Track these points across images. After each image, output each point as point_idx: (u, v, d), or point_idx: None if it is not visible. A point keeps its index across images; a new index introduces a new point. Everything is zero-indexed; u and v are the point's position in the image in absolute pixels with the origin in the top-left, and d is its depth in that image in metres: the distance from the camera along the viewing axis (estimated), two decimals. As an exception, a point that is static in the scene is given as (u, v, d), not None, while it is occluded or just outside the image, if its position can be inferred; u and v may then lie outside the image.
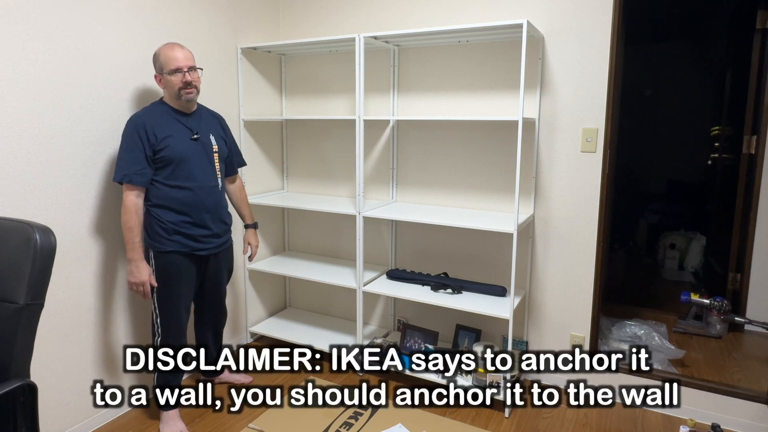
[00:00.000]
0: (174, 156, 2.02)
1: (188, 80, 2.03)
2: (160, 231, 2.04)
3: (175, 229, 2.06)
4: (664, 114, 5.14)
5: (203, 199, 2.11)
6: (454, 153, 2.67)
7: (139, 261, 2.00)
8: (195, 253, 2.12)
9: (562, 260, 2.47)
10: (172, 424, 2.17)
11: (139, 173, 1.96)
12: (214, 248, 2.20)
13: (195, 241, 2.11)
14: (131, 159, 1.96)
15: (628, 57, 5.10)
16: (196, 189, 2.08)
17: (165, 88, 2.06)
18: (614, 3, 2.21)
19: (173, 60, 2.01)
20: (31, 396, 1.15)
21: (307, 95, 3.07)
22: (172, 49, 2.02)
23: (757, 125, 2.90)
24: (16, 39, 1.81)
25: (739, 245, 3.12)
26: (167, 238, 2.04)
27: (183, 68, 2.02)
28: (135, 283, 2.01)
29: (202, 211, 2.11)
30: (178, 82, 2.02)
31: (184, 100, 2.06)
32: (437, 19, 2.61)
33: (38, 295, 1.19)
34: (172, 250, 2.06)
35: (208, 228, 2.15)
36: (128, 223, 1.96)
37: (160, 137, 1.99)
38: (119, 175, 1.95)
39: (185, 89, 2.04)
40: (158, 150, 1.99)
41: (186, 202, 2.06)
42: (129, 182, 1.95)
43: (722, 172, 3.54)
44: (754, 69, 2.99)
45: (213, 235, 2.18)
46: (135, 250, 1.98)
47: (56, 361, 2.03)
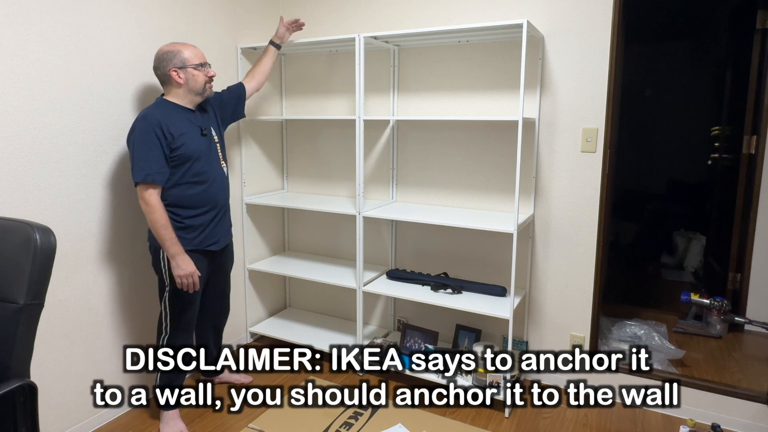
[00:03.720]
0: (190, 154, 2.02)
1: (212, 74, 2.09)
2: (178, 231, 2.03)
3: (192, 227, 2.06)
4: (664, 114, 5.14)
5: (217, 194, 2.14)
6: (454, 153, 2.67)
7: (182, 254, 1.99)
8: (209, 249, 2.14)
9: (562, 260, 2.47)
10: (172, 424, 2.17)
11: (160, 172, 1.94)
12: (224, 243, 2.23)
13: (210, 238, 2.13)
14: (151, 158, 1.92)
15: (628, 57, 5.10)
16: (210, 185, 2.10)
17: (184, 83, 2.04)
18: (614, 3, 2.21)
19: (196, 55, 2.05)
20: (31, 396, 1.15)
21: (307, 95, 3.07)
22: (186, 46, 2.05)
23: (757, 125, 2.90)
24: (16, 39, 1.81)
25: (739, 245, 3.12)
26: (184, 237, 2.04)
27: (206, 63, 2.08)
28: (184, 275, 1.99)
29: (216, 207, 2.14)
30: (204, 76, 2.06)
31: (207, 94, 2.11)
32: (437, 19, 2.61)
33: (38, 295, 1.19)
34: (189, 249, 2.05)
35: (221, 223, 2.19)
36: (161, 221, 1.94)
37: (176, 135, 1.98)
38: (141, 175, 1.90)
39: (210, 83, 2.10)
40: (175, 148, 1.98)
41: (201, 199, 2.07)
42: (152, 181, 1.92)
43: (722, 172, 3.54)
44: (754, 69, 2.99)
45: (223, 230, 2.22)
46: (176, 245, 1.98)
47: (56, 361, 2.03)
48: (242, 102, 2.43)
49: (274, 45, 2.52)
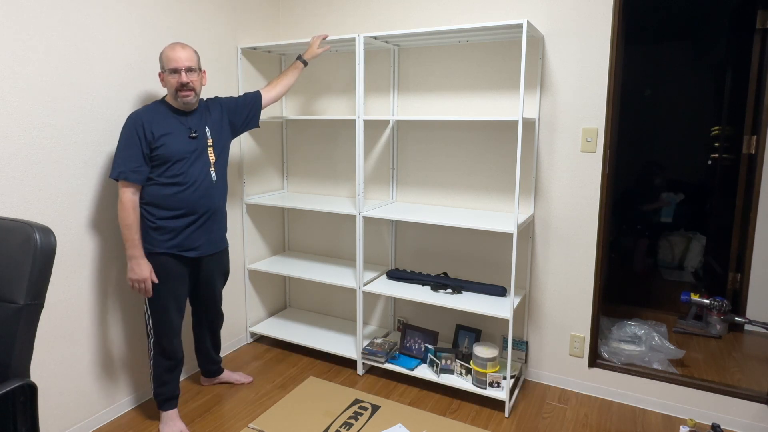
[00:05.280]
0: (170, 154, 2.01)
1: (184, 81, 2.01)
2: (151, 231, 2.02)
3: (165, 229, 2.04)
4: (664, 114, 5.13)
5: (197, 199, 2.08)
6: (454, 153, 2.67)
7: (140, 258, 1.99)
8: (184, 254, 2.10)
9: (562, 260, 2.47)
10: (172, 424, 2.17)
11: (136, 171, 1.95)
12: (206, 251, 2.17)
13: (186, 243, 2.08)
14: (128, 156, 1.95)
15: (628, 57, 5.10)
16: (191, 188, 2.06)
17: (165, 86, 2.06)
18: (614, 3, 2.21)
19: (173, 60, 2.00)
20: (31, 396, 1.15)
21: (307, 95, 3.07)
22: (173, 49, 2.01)
23: (757, 125, 2.90)
24: (16, 39, 1.81)
25: (739, 245, 3.12)
26: (157, 238, 2.03)
27: (180, 68, 2.00)
28: (136, 280, 2.00)
29: (195, 212, 2.08)
30: (174, 82, 2.01)
31: (181, 102, 2.05)
32: (437, 19, 2.61)
33: (38, 295, 1.19)
34: (162, 251, 2.04)
35: (202, 229, 2.13)
36: (126, 220, 1.95)
37: (157, 135, 1.98)
38: (115, 172, 1.95)
39: (181, 91, 2.02)
40: (154, 148, 1.98)
41: (178, 201, 2.03)
42: (125, 179, 1.94)
43: (722, 172, 3.54)
44: (754, 69, 2.99)
45: (205, 238, 2.15)
46: (135, 247, 1.98)
47: (56, 361, 2.03)
48: (256, 111, 2.37)
49: (303, 62, 2.47)
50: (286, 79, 2.47)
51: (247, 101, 2.35)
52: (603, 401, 2.44)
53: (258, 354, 2.90)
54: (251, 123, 2.38)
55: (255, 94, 2.38)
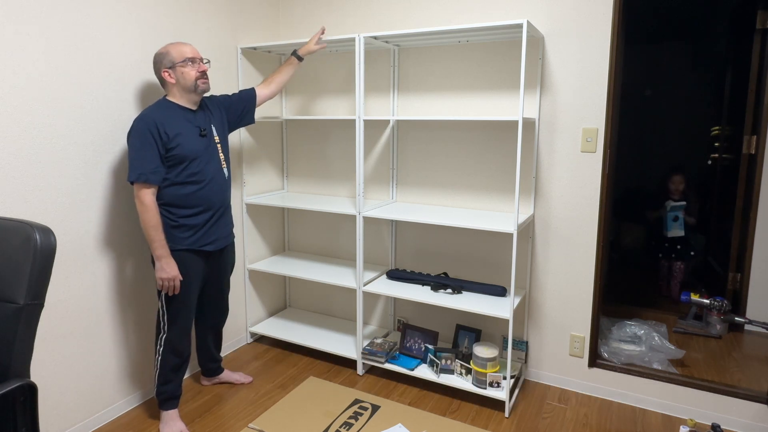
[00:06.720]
0: (186, 154, 2.02)
1: (204, 69, 2.06)
2: (171, 230, 2.04)
3: (186, 227, 2.07)
4: (664, 114, 5.13)
5: (213, 195, 2.13)
6: (454, 153, 2.67)
7: (168, 257, 2.01)
8: (204, 249, 2.14)
9: (562, 260, 2.47)
10: (172, 424, 2.17)
11: (154, 172, 1.96)
12: (221, 244, 2.22)
13: (204, 238, 2.13)
14: (146, 158, 1.95)
15: (628, 57, 5.09)
16: (207, 185, 2.10)
17: (176, 82, 2.05)
18: (614, 3, 2.21)
19: (186, 52, 2.03)
20: (31, 396, 1.15)
21: (307, 95, 3.07)
22: (179, 44, 2.05)
23: (757, 125, 2.90)
24: (16, 39, 1.81)
25: (739, 245, 3.12)
26: (178, 236, 2.05)
27: (197, 57, 2.05)
28: (166, 279, 2.01)
29: (213, 207, 2.14)
30: (194, 72, 2.04)
31: (200, 91, 2.08)
32: (437, 19, 2.61)
33: (38, 295, 1.19)
34: (183, 248, 2.06)
35: (218, 224, 2.18)
36: (151, 221, 1.96)
37: (172, 135, 1.99)
38: (135, 174, 1.93)
39: (201, 79, 2.06)
40: (170, 148, 1.99)
41: (197, 199, 2.07)
42: (145, 181, 1.94)
43: (722, 172, 3.54)
44: (754, 69, 2.99)
45: (222, 231, 2.21)
46: (163, 247, 1.99)
47: (56, 361, 2.03)
48: (250, 107, 2.40)
49: (297, 57, 2.47)
50: (281, 75, 2.48)
51: (241, 98, 2.39)
52: (603, 401, 2.44)
53: (258, 354, 2.90)
54: (245, 119, 2.41)
55: (250, 91, 2.42)
